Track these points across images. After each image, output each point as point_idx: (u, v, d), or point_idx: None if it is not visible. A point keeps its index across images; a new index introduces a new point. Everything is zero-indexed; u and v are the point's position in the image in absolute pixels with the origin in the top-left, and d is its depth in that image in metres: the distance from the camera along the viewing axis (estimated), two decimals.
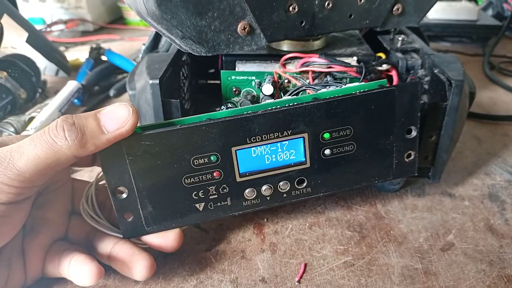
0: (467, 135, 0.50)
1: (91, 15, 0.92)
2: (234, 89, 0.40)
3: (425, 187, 0.40)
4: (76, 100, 0.56)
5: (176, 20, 0.31)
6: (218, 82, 0.40)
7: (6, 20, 0.55)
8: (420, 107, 0.38)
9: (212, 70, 0.50)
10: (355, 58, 0.40)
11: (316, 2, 0.36)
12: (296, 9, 0.35)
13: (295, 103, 0.30)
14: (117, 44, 0.85)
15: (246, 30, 0.34)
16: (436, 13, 0.80)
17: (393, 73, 0.39)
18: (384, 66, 0.39)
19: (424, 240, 0.34)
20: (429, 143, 0.36)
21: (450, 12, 0.81)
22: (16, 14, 0.56)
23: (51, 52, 0.61)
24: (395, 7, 0.40)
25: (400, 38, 0.42)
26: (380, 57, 0.41)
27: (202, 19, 0.32)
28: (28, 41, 0.58)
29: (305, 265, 0.32)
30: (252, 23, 0.34)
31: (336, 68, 0.38)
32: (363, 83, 0.35)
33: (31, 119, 0.48)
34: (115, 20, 1.01)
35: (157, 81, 0.33)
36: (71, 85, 0.54)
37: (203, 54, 0.34)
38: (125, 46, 0.83)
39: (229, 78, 0.40)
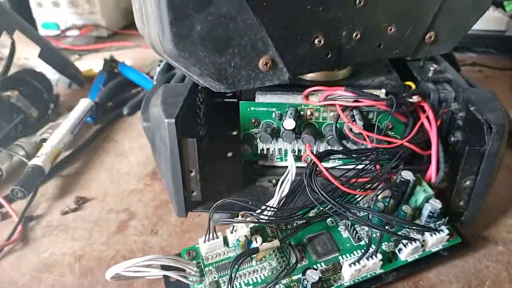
0: None
1: (105, 20, 0.91)
2: (253, 121, 0.38)
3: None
4: (89, 119, 0.54)
5: (194, 58, 0.29)
6: (235, 100, 0.38)
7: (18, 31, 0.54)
8: (453, 145, 0.36)
9: (229, 94, 0.48)
10: (383, 90, 0.37)
11: (344, 33, 0.34)
12: (322, 42, 0.33)
13: None
14: (132, 51, 0.83)
15: (268, 65, 0.32)
16: None
17: (426, 106, 0.37)
18: (415, 98, 0.36)
19: None
20: (463, 188, 0.33)
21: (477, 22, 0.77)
22: (28, 29, 0.55)
23: (64, 66, 0.60)
24: (428, 35, 0.37)
25: (431, 68, 0.39)
26: (410, 87, 0.39)
27: (222, 56, 0.30)
28: (40, 55, 0.56)
29: None
30: (275, 57, 0.32)
31: (365, 102, 0.35)
32: None
33: (43, 140, 0.47)
34: (129, 25, 0.99)
35: (173, 120, 0.31)
36: (84, 104, 0.53)
37: (222, 91, 0.32)
38: (140, 54, 0.81)
39: (248, 109, 0.37)
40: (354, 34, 0.34)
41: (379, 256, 0.31)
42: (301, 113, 0.37)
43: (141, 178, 0.45)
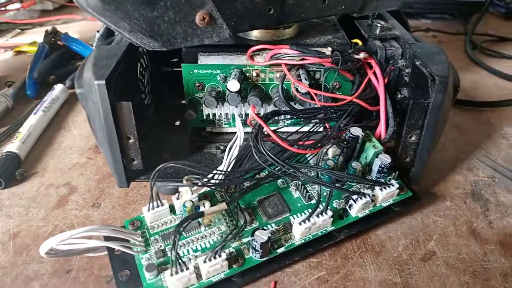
0: (448, 124, 0.47)
1: None
2: (197, 84, 0.36)
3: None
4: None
5: (122, 11, 0.27)
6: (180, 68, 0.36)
7: None
8: (400, 102, 0.35)
9: (175, 60, 0.45)
10: (329, 48, 0.36)
11: None
12: None
13: None
14: (79, 24, 0.79)
15: (205, 20, 0.30)
16: None
17: (372, 62, 0.36)
18: (362, 55, 0.35)
19: (404, 248, 0.32)
20: (409, 143, 0.33)
21: None
22: None
23: None
24: None
25: (378, 25, 0.38)
26: (357, 44, 0.38)
27: (153, 10, 0.28)
28: None
29: (275, 283, 0.29)
30: (213, 12, 0.30)
31: (310, 60, 0.34)
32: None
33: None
34: None
35: (103, 82, 0.29)
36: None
37: (157, 49, 0.30)
38: (88, 27, 0.77)
39: (191, 72, 0.36)
40: None
41: (329, 212, 0.30)
42: (247, 74, 0.36)
43: (84, 152, 0.42)
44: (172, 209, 0.31)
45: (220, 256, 0.26)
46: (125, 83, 0.33)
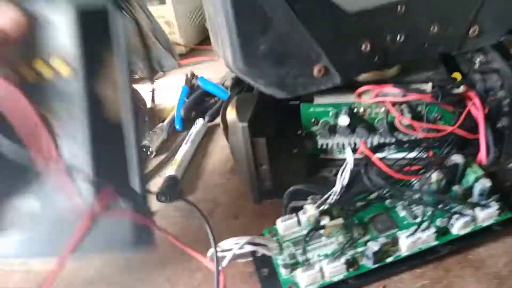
0: None
1: (183, 38, 1.02)
2: (313, 120, 0.44)
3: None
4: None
5: (260, 72, 0.36)
6: (298, 102, 0.43)
7: None
8: (501, 130, 0.39)
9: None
10: (430, 84, 0.41)
11: (388, 37, 0.38)
12: (369, 48, 0.38)
13: None
14: (208, 65, 0.93)
15: (321, 72, 0.38)
16: None
17: (472, 94, 0.40)
18: (461, 88, 0.40)
19: (504, 265, 0.35)
20: (508, 169, 0.36)
21: None
22: None
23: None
24: (471, 30, 0.40)
25: (477, 60, 0.42)
26: (456, 79, 0.42)
27: (283, 68, 0.37)
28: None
29: (384, 287, 0.35)
30: (327, 65, 0.37)
31: (411, 96, 0.40)
32: None
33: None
34: (203, 40, 1.10)
35: (246, 124, 0.39)
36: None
37: (284, 97, 0.39)
38: (215, 67, 0.90)
39: (308, 110, 0.43)
40: (398, 37, 0.38)
41: (432, 229, 0.35)
42: (355, 110, 0.42)
43: (224, 174, 0.53)
44: (299, 222, 0.39)
45: (339, 260, 0.33)
46: (258, 122, 0.42)
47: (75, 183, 0.30)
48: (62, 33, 0.31)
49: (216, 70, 0.87)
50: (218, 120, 0.66)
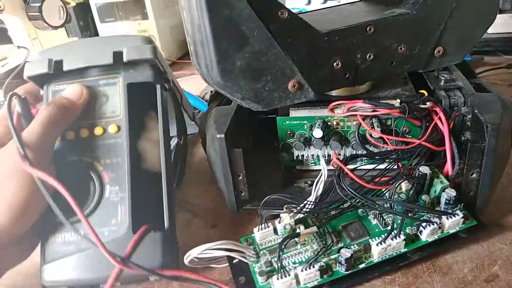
0: None
1: (165, 52, 1.03)
2: (289, 132, 0.46)
3: None
4: None
5: (237, 86, 0.38)
6: (275, 115, 0.45)
7: None
8: (465, 143, 0.41)
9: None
10: (398, 100, 0.43)
11: (358, 56, 0.41)
12: (340, 65, 0.40)
13: None
14: (189, 78, 0.95)
15: (296, 87, 0.39)
16: (496, 27, 0.79)
17: (438, 110, 0.42)
18: (428, 104, 0.42)
19: (469, 271, 0.37)
20: (471, 180, 0.39)
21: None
22: None
23: None
24: (436, 50, 0.43)
25: (442, 78, 0.44)
26: (423, 94, 0.44)
27: (258, 83, 0.38)
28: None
29: None
30: (301, 80, 0.39)
31: (381, 111, 0.42)
32: None
33: None
34: (184, 54, 1.12)
35: (223, 135, 0.40)
36: None
37: (260, 110, 0.40)
38: (196, 80, 0.92)
39: (284, 123, 0.45)
40: (368, 55, 0.41)
41: (402, 236, 0.37)
42: (329, 123, 0.44)
43: (201, 185, 0.54)
44: (275, 230, 0.40)
45: (314, 267, 0.35)
46: (235, 134, 0.44)
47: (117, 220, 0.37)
48: (114, 101, 0.40)
49: (196, 83, 0.88)
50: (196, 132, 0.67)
